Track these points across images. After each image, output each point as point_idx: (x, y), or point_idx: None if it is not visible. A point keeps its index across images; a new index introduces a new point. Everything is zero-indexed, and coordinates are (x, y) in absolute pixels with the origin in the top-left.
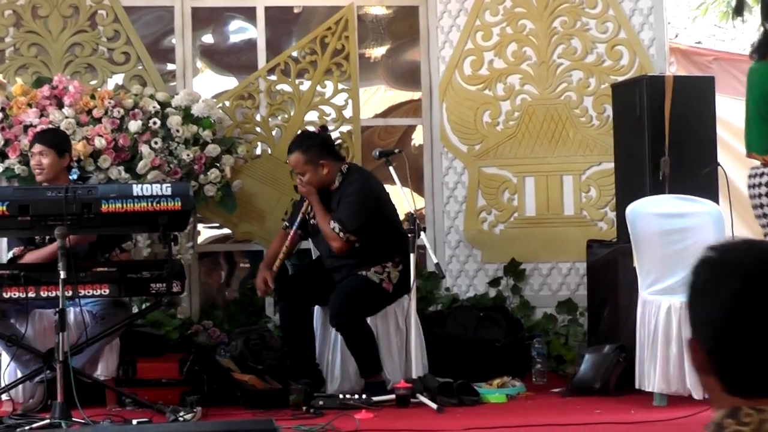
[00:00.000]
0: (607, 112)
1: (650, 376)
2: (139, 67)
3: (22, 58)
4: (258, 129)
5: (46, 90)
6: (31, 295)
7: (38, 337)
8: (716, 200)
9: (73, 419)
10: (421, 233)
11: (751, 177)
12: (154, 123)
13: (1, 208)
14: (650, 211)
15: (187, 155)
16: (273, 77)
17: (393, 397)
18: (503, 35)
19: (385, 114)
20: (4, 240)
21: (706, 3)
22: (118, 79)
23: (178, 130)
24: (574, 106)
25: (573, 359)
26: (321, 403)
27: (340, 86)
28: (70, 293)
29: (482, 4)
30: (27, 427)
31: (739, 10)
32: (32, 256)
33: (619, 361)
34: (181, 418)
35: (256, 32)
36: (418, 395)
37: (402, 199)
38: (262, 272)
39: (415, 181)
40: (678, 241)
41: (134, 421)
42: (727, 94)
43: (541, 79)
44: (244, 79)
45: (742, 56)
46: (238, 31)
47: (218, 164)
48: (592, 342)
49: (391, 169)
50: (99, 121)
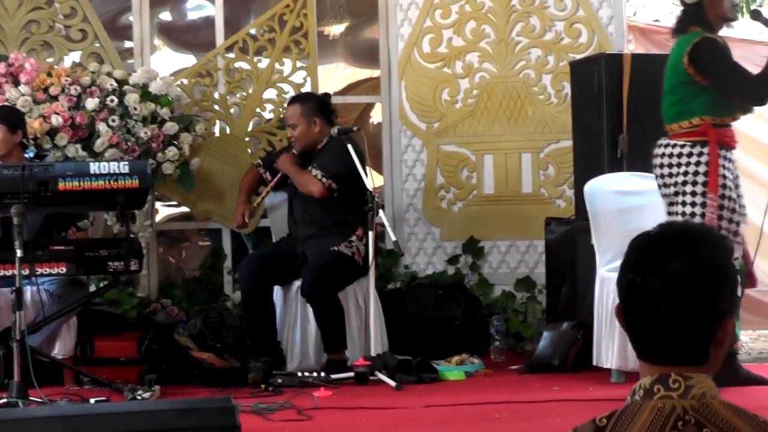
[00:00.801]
0: (566, 90)
1: (608, 353)
2: (97, 45)
3: None
4: (216, 107)
5: (2, 67)
6: None
7: None
8: None
9: (30, 398)
10: (380, 211)
11: (656, 148)
12: (112, 101)
13: None
14: (608, 189)
15: (145, 133)
16: (231, 55)
17: (352, 375)
18: (462, 13)
19: (344, 92)
20: None
21: None
22: (75, 56)
23: (135, 108)
24: (533, 83)
25: (531, 336)
26: (280, 381)
27: (299, 64)
28: (27, 272)
29: None
30: None
31: None
32: None
33: (577, 339)
34: (139, 397)
35: (214, 10)
36: (377, 373)
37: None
38: (241, 206)
39: (374, 159)
40: (636, 219)
41: (92, 400)
42: None
43: (499, 57)
44: (202, 57)
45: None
46: (196, 9)
47: (176, 142)
48: (551, 319)
49: (349, 146)
50: (56, 98)
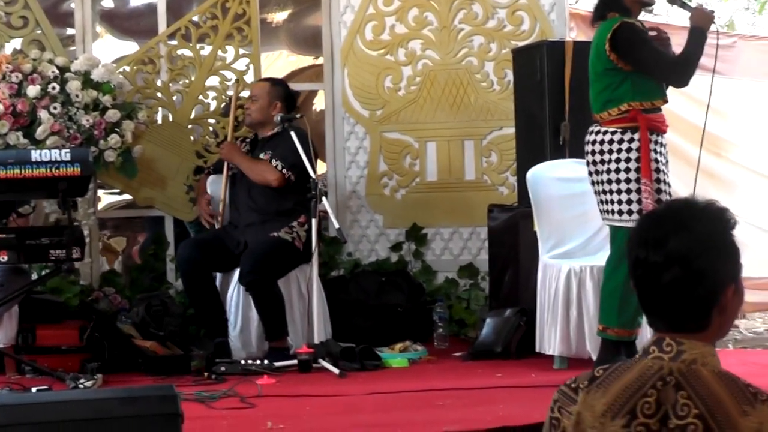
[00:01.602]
0: (508, 77)
1: (551, 340)
2: (38, 32)
3: None
4: (159, 94)
5: None
6: None
7: None
8: None
9: None
10: (323, 198)
11: (587, 135)
12: (53, 88)
13: None
14: (550, 176)
15: (87, 121)
16: (174, 42)
17: (295, 362)
18: (404, 0)
19: (287, 79)
20: None
21: None
22: (16, 43)
23: (77, 96)
24: (476, 71)
25: (474, 323)
26: (223, 368)
27: (242, 51)
28: None
29: None
30: None
31: None
32: None
33: (520, 325)
34: (81, 386)
35: None
36: (320, 360)
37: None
38: (204, 209)
39: (317, 146)
40: (578, 205)
41: (34, 389)
42: None
43: (442, 45)
44: (145, 44)
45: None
46: None
47: (118, 130)
48: (494, 306)
49: (292, 134)
50: None
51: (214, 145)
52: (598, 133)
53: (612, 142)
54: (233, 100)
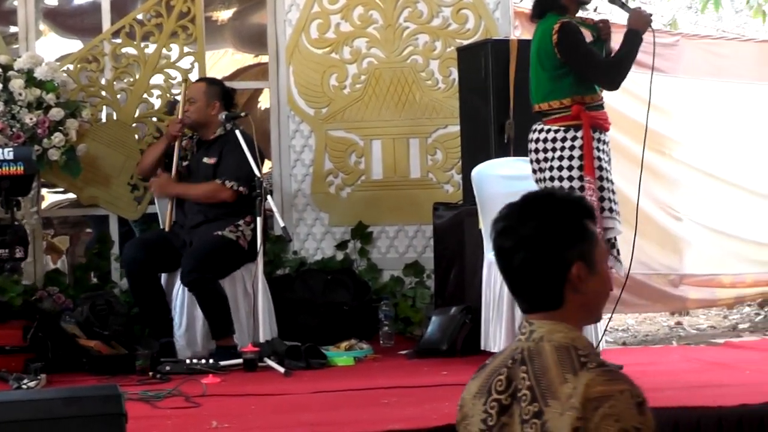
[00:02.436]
0: (453, 76)
1: (496, 337)
2: None
3: None
4: (103, 92)
5: None
6: None
7: None
8: None
9: None
10: (268, 196)
11: (530, 133)
12: None
13: None
14: (495, 174)
15: (30, 119)
16: (118, 40)
17: (240, 361)
18: None
19: (232, 77)
20: None
21: None
22: None
23: (20, 94)
24: (420, 69)
25: (420, 321)
26: (167, 368)
27: (186, 49)
28: None
29: None
30: None
31: None
32: None
33: (466, 323)
34: (24, 386)
35: None
36: (266, 359)
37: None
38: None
39: (262, 145)
40: None
41: None
42: None
43: (387, 43)
44: (89, 42)
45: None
46: None
47: (62, 128)
48: (439, 304)
49: (237, 132)
50: None
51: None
52: (542, 131)
53: (555, 140)
54: (180, 108)
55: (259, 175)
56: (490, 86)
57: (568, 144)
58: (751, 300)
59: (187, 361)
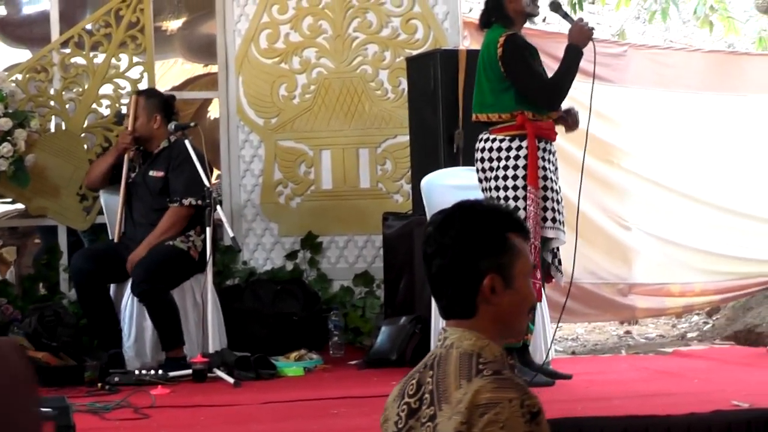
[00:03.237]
0: (402, 86)
1: None
2: None
3: None
4: (52, 102)
5: None
6: None
7: None
8: None
9: None
10: (218, 207)
11: (477, 142)
12: None
13: None
14: (445, 183)
15: None
16: (67, 50)
17: (190, 372)
18: (299, 9)
19: (181, 87)
20: None
21: None
22: None
23: None
24: (370, 79)
25: (370, 331)
26: (116, 379)
27: (135, 59)
28: None
29: None
30: None
31: None
32: None
33: (415, 333)
34: None
35: (49, 4)
36: (215, 370)
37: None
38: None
39: (212, 155)
40: None
41: None
42: None
43: (337, 53)
44: (38, 52)
45: (533, 30)
46: (31, 3)
47: (11, 138)
48: (389, 314)
49: (186, 142)
50: None
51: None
52: (487, 140)
53: (500, 150)
54: (129, 120)
55: (208, 186)
56: (440, 96)
57: (512, 154)
58: (699, 309)
59: (136, 372)
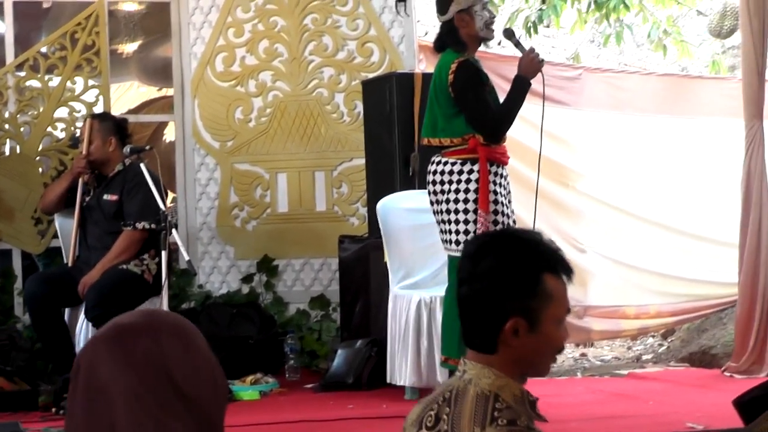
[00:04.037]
0: (358, 109)
1: (402, 370)
2: None
3: None
4: (6, 126)
5: None
6: None
7: None
8: None
9: None
10: (173, 230)
11: (429, 165)
12: None
13: None
14: (400, 207)
15: None
16: (21, 73)
17: None
18: (255, 32)
19: (137, 110)
20: None
21: None
22: None
23: None
24: (326, 102)
25: (326, 354)
26: None
27: (91, 82)
28: None
29: (234, 1)
30: None
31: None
32: None
33: (371, 356)
34: None
35: (4, 27)
36: None
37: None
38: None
39: (167, 178)
40: (427, 236)
41: None
42: None
43: (292, 76)
44: None
45: (490, 54)
46: None
47: None
48: (345, 337)
49: (142, 166)
50: None
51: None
52: (439, 163)
53: (452, 173)
54: (84, 144)
55: (163, 209)
56: (395, 119)
57: (464, 177)
58: (654, 331)
59: None
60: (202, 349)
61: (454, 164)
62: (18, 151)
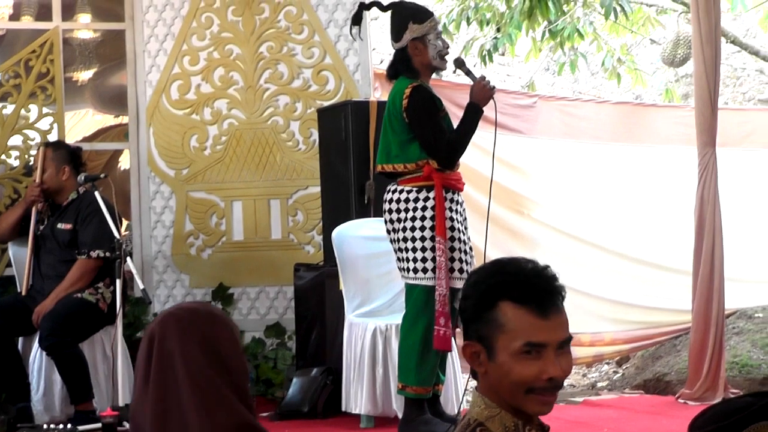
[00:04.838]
0: (314, 137)
1: (357, 399)
2: None
3: None
4: None
5: None
6: None
7: None
8: None
9: None
10: (128, 258)
11: (385, 194)
12: None
13: None
14: (356, 235)
15: None
16: None
17: (99, 425)
18: (210, 60)
19: (92, 138)
20: None
21: None
22: None
23: None
24: (281, 130)
25: (281, 383)
26: None
27: (45, 110)
28: None
29: (189, 29)
30: None
31: (357, 20)
32: None
33: (327, 384)
34: None
35: None
36: (125, 423)
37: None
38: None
39: (122, 206)
40: (383, 264)
41: None
42: None
43: (248, 104)
44: None
45: (443, 82)
46: None
47: None
48: (301, 365)
49: (96, 194)
50: None
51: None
52: (395, 191)
53: (408, 201)
54: (38, 172)
55: (118, 237)
56: (350, 147)
57: (420, 204)
58: (609, 358)
59: (45, 426)
60: (237, 337)
61: (410, 192)
62: None
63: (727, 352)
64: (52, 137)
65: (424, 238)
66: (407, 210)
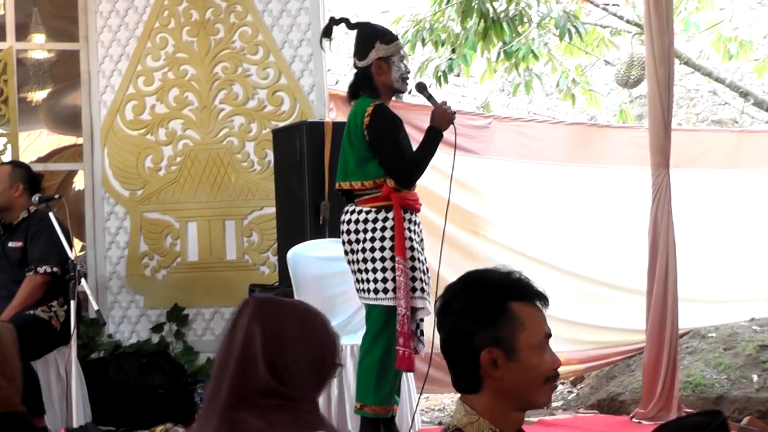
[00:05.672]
0: (269, 157)
1: None
2: None
3: None
4: None
5: None
6: None
7: None
8: None
9: None
10: (82, 279)
11: (342, 215)
12: None
13: None
14: (311, 255)
15: None
16: None
17: None
18: (165, 80)
19: (47, 158)
20: None
21: None
22: None
23: None
24: (236, 151)
25: None
26: None
27: None
28: None
29: (144, 49)
30: None
31: (327, 33)
32: None
33: None
34: None
35: None
36: None
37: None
38: None
39: (77, 227)
40: (338, 284)
41: None
42: None
43: (203, 124)
44: None
45: (401, 103)
46: None
47: None
48: None
49: (50, 214)
50: None
51: None
52: (353, 212)
53: (367, 221)
54: None
55: (72, 258)
56: (306, 168)
57: (379, 225)
58: (563, 378)
59: None
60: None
61: (368, 212)
62: None
63: (680, 372)
64: (6, 158)
65: (384, 259)
66: (366, 230)
